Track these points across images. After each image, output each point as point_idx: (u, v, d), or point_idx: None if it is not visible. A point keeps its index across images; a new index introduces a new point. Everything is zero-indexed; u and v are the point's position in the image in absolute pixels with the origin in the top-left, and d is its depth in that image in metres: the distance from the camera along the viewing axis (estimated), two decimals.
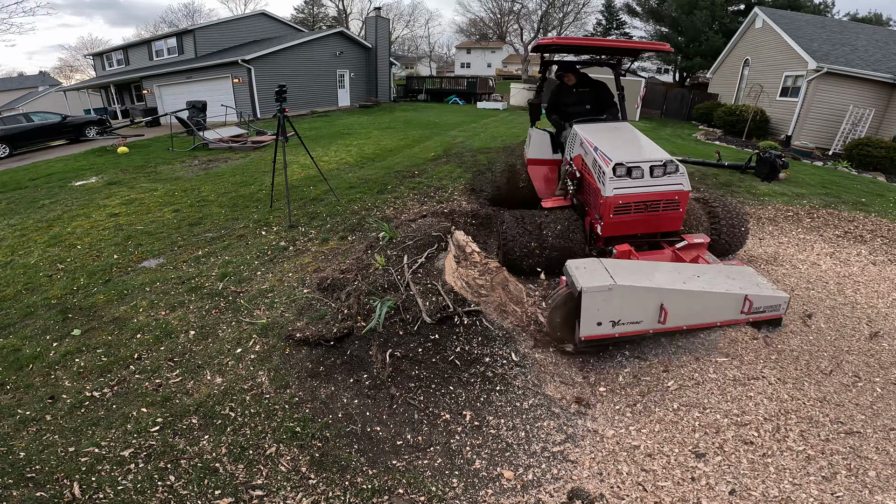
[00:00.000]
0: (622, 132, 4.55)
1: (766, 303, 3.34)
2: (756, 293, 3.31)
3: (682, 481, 2.45)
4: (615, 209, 3.85)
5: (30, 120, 15.29)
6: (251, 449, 2.73)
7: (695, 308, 3.27)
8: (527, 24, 49.83)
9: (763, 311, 3.37)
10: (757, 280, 3.50)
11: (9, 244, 5.91)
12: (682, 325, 3.32)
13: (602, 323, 3.20)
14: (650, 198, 3.84)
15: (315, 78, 22.18)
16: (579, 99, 5.28)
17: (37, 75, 43.42)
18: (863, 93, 13.88)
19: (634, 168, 3.83)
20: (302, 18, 49.67)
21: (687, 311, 3.26)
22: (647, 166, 3.85)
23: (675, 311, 3.22)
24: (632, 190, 3.82)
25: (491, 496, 2.44)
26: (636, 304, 3.18)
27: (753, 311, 3.34)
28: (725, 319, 3.34)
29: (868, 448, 2.60)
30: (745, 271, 3.61)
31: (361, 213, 6.32)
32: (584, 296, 3.10)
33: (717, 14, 26.40)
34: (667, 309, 3.18)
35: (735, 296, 3.27)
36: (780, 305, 3.37)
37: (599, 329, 3.22)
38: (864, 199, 7.62)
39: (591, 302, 3.12)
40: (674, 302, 3.19)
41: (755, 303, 3.29)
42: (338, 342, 3.52)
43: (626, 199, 3.82)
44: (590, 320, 3.19)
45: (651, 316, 3.23)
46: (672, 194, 3.85)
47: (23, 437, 2.83)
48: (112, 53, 26.71)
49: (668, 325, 3.26)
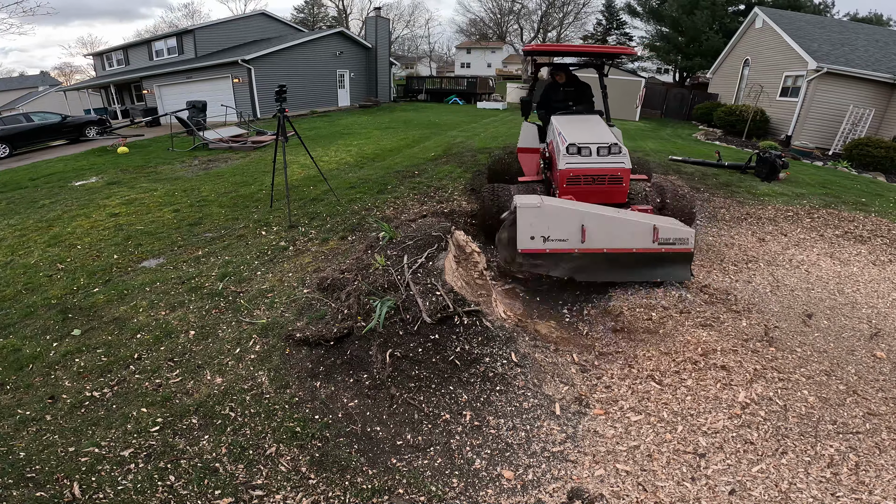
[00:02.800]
0: (588, 122, 5.28)
1: (672, 234, 3.87)
2: (662, 224, 3.88)
3: (682, 481, 2.45)
4: (567, 180, 4.60)
5: (30, 120, 15.29)
6: (251, 449, 2.73)
7: (611, 232, 3.86)
8: (527, 24, 49.83)
9: (672, 242, 3.88)
10: (671, 221, 4.06)
11: (9, 244, 5.91)
12: (603, 247, 3.89)
13: (535, 237, 3.87)
14: (596, 172, 4.59)
15: (315, 78, 22.18)
16: (565, 96, 6.12)
17: (37, 75, 43.44)
18: (863, 93, 13.88)
19: (584, 147, 4.59)
20: (302, 18, 49.67)
21: (604, 234, 3.86)
22: (595, 147, 4.61)
23: (594, 232, 3.84)
24: (580, 165, 4.58)
25: (491, 496, 2.44)
26: (562, 222, 3.83)
27: (663, 242, 3.87)
28: (641, 247, 3.89)
29: (869, 448, 2.60)
30: (665, 218, 4.21)
31: (361, 213, 6.32)
32: (519, 211, 3.81)
33: (718, 14, 26.39)
34: (586, 228, 3.81)
35: (644, 224, 3.86)
36: (687, 239, 3.89)
37: (532, 243, 3.89)
38: (864, 199, 7.62)
39: (525, 217, 3.82)
40: (592, 223, 3.83)
41: (661, 232, 3.84)
42: (338, 342, 3.52)
43: (576, 172, 4.58)
44: (524, 234, 3.86)
45: (575, 235, 3.86)
46: (615, 170, 4.58)
47: (23, 437, 2.83)
48: (112, 53, 26.70)
49: (589, 245, 3.87)
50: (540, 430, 2.82)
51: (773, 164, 8.33)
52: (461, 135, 13.37)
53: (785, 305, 4.13)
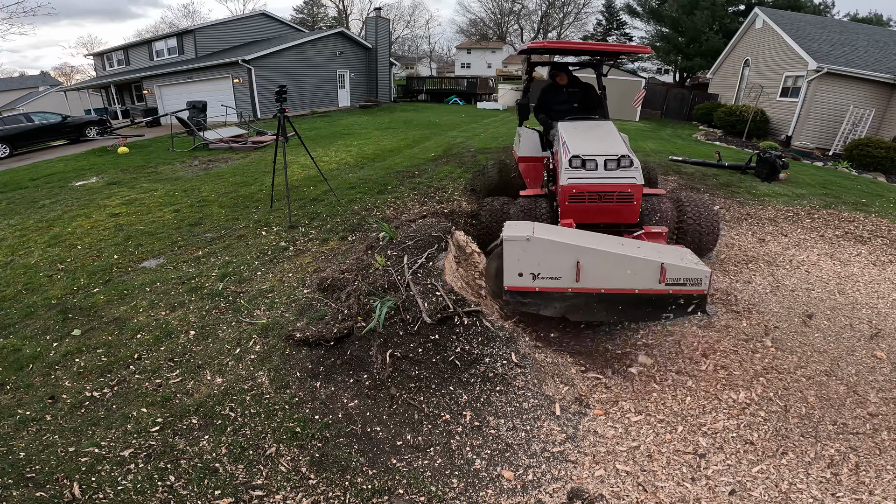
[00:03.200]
0: (597, 130, 4.73)
1: (683, 274, 3.30)
2: (672, 263, 3.30)
3: (683, 482, 2.45)
4: (570, 197, 4.11)
5: (30, 120, 15.29)
6: (251, 449, 2.73)
7: (610, 270, 3.34)
8: (527, 24, 49.89)
9: (683, 283, 3.31)
10: (684, 255, 3.51)
11: (9, 244, 5.91)
12: (600, 287, 3.38)
13: (523, 274, 3.39)
14: (603, 189, 4.05)
15: (315, 78, 22.18)
16: (569, 98, 5.56)
17: (37, 75, 43.46)
18: (863, 93, 13.88)
19: (589, 160, 4.10)
20: (302, 18, 49.70)
21: (602, 273, 3.34)
22: (602, 160, 4.09)
23: (591, 270, 3.32)
24: (584, 180, 4.07)
25: (491, 496, 2.44)
26: (554, 258, 3.33)
27: (672, 283, 3.31)
28: (644, 288, 3.35)
29: (869, 448, 2.60)
30: (678, 249, 3.68)
31: (361, 214, 6.32)
32: (505, 244, 3.36)
33: (718, 14, 26.39)
34: (581, 266, 3.31)
35: (650, 262, 3.29)
36: (701, 280, 3.31)
37: (521, 280, 3.41)
38: (864, 200, 7.62)
39: (511, 251, 3.35)
40: (588, 261, 3.30)
41: (669, 272, 3.28)
42: (338, 342, 3.52)
43: (579, 189, 4.07)
44: (511, 270, 3.40)
45: (568, 273, 3.36)
46: (625, 187, 4.04)
47: (23, 437, 2.83)
48: (112, 53, 26.71)
49: (584, 284, 3.37)
50: (540, 431, 2.82)
51: (774, 165, 8.33)
52: (461, 135, 13.37)
53: (785, 306, 4.12)
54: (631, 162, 4.11)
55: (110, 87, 26.03)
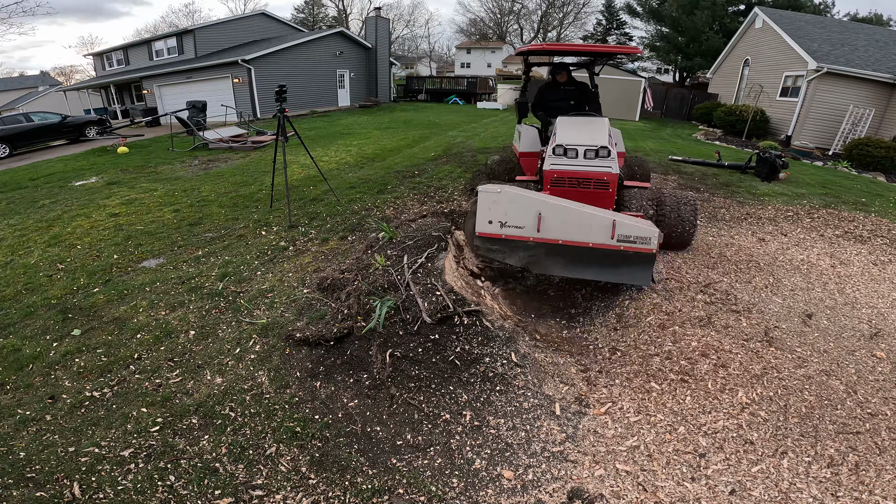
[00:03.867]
0: (591, 124, 5.05)
1: (633, 232, 3.61)
2: (623, 221, 3.63)
3: (683, 481, 2.45)
4: (552, 181, 4.52)
5: (30, 120, 15.28)
6: (251, 449, 2.73)
7: (568, 222, 3.72)
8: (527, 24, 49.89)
9: (633, 241, 3.62)
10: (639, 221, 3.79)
11: (9, 244, 5.91)
12: (558, 238, 3.76)
13: (492, 222, 3.86)
14: (580, 175, 4.46)
15: (315, 78, 22.18)
16: (566, 95, 5.98)
17: (37, 75, 43.43)
18: (863, 93, 13.88)
19: (570, 149, 4.53)
20: (302, 18, 49.69)
21: (561, 224, 3.73)
22: (583, 149, 4.52)
23: (550, 221, 3.74)
24: (565, 167, 4.50)
25: (491, 496, 2.44)
26: (519, 209, 3.78)
27: (623, 239, 3.63)
28: (598, 242, 3.68)
29: (869, 448, 2.60)
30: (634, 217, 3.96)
31: (361, 213, 6.32)
32: (479, 195, 3.86)
33: (718, 14, 26.39)
34: (542, 217, 3.72)
35: (603, 218, 3.66)
36: (650, 239, 3.59)
37: (490, 227, 3.88)
38: (864, 199, 7.62)
39: (484, 201, 3.84)
40: (549, 212, 3.73)
41: (619, 229, 3.61)
42: (338, 342, 3.52)
43: (560, 174, 4.49)
44: (483, 218, 3.87)
45: (531, 223, 3.78)
46: (601, 175, 4.43)
47: (23, 437, 2.83)
48: (112, 53, 26.70)
49: (544, 235, 3.77)
50: (540, 430, 2.82)
51: (773, 164, 8.33)
52: (461, 135, 13.37)
53: (785, 305, 4.12)
54: (609, 153, 4.51)
55: (110, 86, 26.03)
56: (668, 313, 3.88)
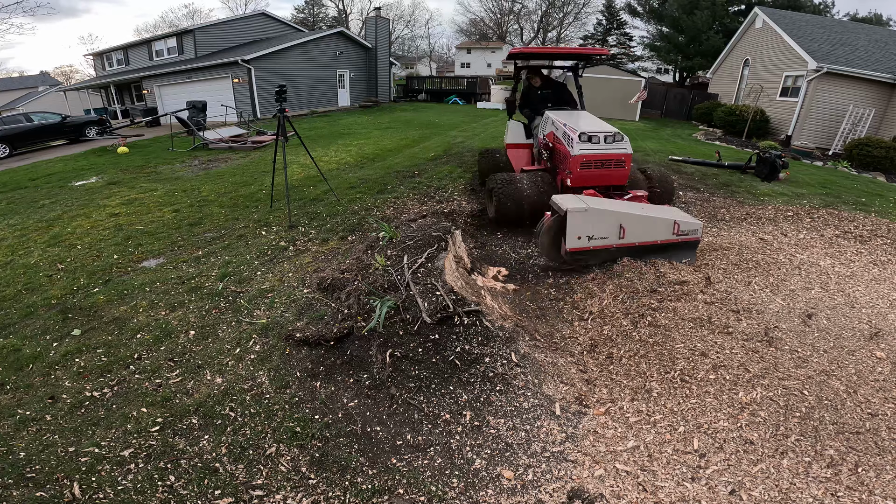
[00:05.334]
0: (583, 115, 6.15)
1: (688, 227, 4.59)
2: (681, 219, 4.60)
3: (683, 481, 2.45)
4: (581, 164, 5.26)
5: (30, 120, 15.28)
6: (251, 449, 2.72)
7: (643, 228, 4.51)
8: (527, 24, 49.91)
9: (687, 233, 4.60)
10: (680, 213, 4.80)
11: (9, 244, 5.91)
12: (636, 241, 4.53)
13: (581, 237, 4.43)
14: (604, 157, 5.28)
15: (315, 78, 22.17)
16: (545, 97, 6.89)
17: (37, 75, 43.39)
18: (863, 93, 13.88)
19: (593, 136, 5.27)
20: (302, 18, 49.69)
21: (638, 230, 4.50)
22: (602, 135, 5.30)
23: (630, 230, 4.47)
24: (592, 151, 5.25)
25: (491, 496, 2.44)
26: (604, 223, 4.42)
27: (681, 233, 4.57)
28: (664, 239, 4.57)
29: (869, 448, 2.60)
30: (671, 209, 4.94)
31: (361, 213, 6.32)
32: (569, 215, 4.34)
33: (718, 14, 26.39)
34: (625, 227, 4.45)
35: (668, 220, 4.57)
36: (697, 230, 4.62)
37: (579, 242, 4.44)
38: (864, 199, 7.62)
39: (574, 220, 4.35)
40: (629, 222, 4.47)
41: (681, 226, 4.55)
42: (338, 342, 3.52)
43: (588, 158, 5.25)
44: (573, 234, 4.40)
45: (614, 233, 4.46)
46: (619, 155, 5.30)
47: (23, 437, 2.82)
48: (112, 53, 26.70)
49: (626, 240, 4.50)
50: (540, 430, 2.82)
51: (773, 164, 8.33)
52: (461, 135, 13.37)
53: (785, 305, 4.12)
54: (622, 137, 5.33)
55: (110, 86, 26.03)
56: (668, 314, 3.88)
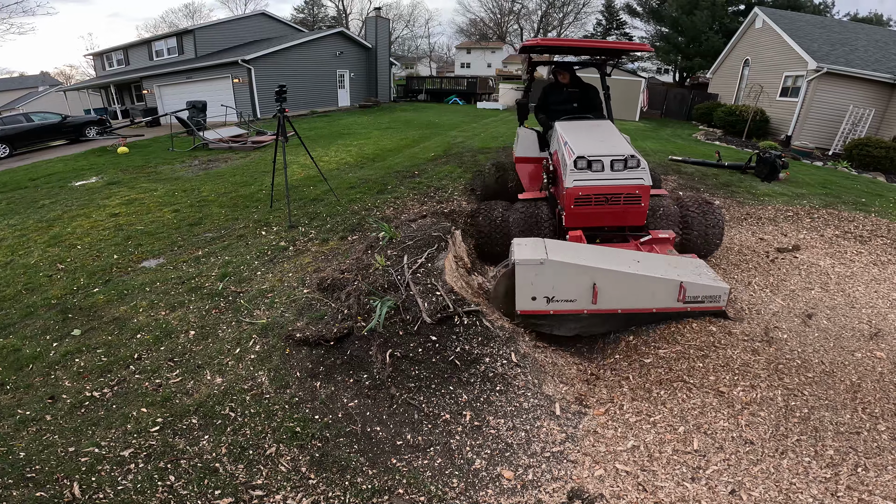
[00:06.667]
0: (598, 130, 4.54)
1: (702, 292, 3.23)
2: (691, 280, 3.21)
3: (683, 481, 2.45)
4: (576, 200, 3.92)
5: (30, 120, 15.29)
6: (251, 449, 2.72)
7: (628, 291, 3.23)
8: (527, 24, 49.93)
9: (701, 301, 3.27)
10: (700, 270, 3.36)
11: (9, 244, 5.91)
12: (617, 308, 3.28)
13: (536, 298, 3.26)
14: (610, 191, 3.88)
15: (315, 78, 22.17)
16: (568, 98, 5.40)
17: (37, 75, 43.38)
18: (863, 93, 13.88)
19: (595, 161, 3.90)
20: (302, 18, 49.70)
21: (620, 293, 3.23)
22: (609, 160, 3.90)
23: (608, 291, 3.20)
24: (591, 182, 3.88)
25: (491, 496, 2.44)
26: (569, 281, 3.19)
27: (690, 300, 3.25)
28: (662, 307, 3.28)
29: (868, 448, 2.60)
30: (693, 262, 3.54)
31: (361, 213, 6.32)
32: (517, 268, 3.20)
33: (718, 14, 26.40)
34: (598, 288, 3.17)
35: (669, 281, 3.19)
36: (719, 297, 3.27)
37: (534, 304, 3.28)
38: (864, 199, 7.62)
39: (525, 275, 3.20)
40: (605, 282, 3.17)
41: (689, 290, 3.21)
42: (338, 342, 3.52)
43: (585, 191, 3.88)
44: (524, 294, 3.26)
45: (584, 295, 3.23)
46: (633, 188, 3.88)
47: (23, 437, 2.82)
48: (112, 53, 26.70)
49: (601, 306, 3.25)
50: (540, 430, 2.82)
51: (773, 165, 8.33)
52: (461, 135, 13.37)
53: (785, 306, 4.12)
54: (638, 162, 3.94)
55: (110, 87, 26.03)
56: None
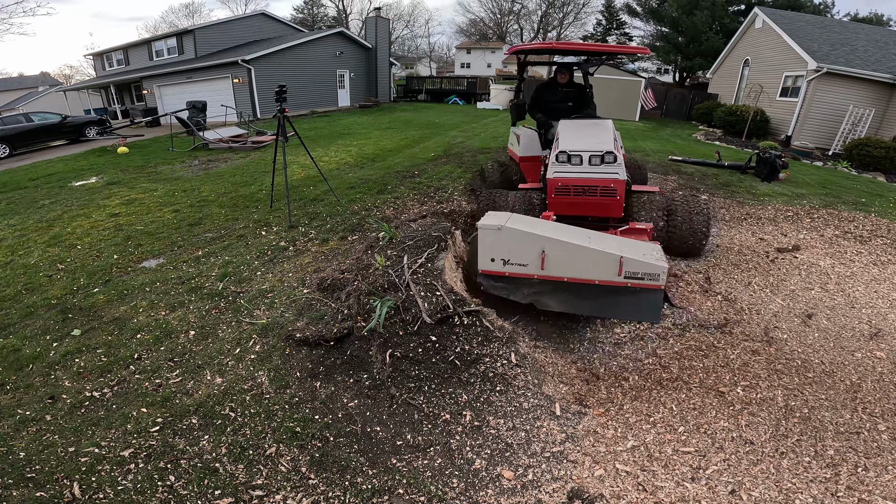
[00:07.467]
0: (592, 128, 4.84)
1: (640, 269, 3.49)
2: (630, 257, 3.46)
3: (683, 481, 2.45)
4: (556, 190, 4.38)
5: (30, 120, 15.28)
6: (251, 449, 2.73)
7: (573, 261, 3.57)
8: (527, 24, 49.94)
9: (641, 277, 3.51)
10: (650, 252, 3.63)
11: (9, 244, 5.91)
12: (563, 276, 3.63)
13: (495, 259, 3.71)
14: (586, 183, 4.33)
15: (315, 78, 22.18)
16: (565, 97, 5.81)
17: (37, 75, 43.37)
18: (863, 93, 13.88)
19: (574, 155, 4.37)
20: (302, 18, 49.71)
21: (565, 262, 3.59)
22: (587, 155, 4.34)
23: (554, 259, 3.59)
24: (569, 175, 4.35)
25: (491, 496, 2.44)
26: (522, 247, 3.63)
27: (629, 276, 3.51)
28: (604, 279, 3.56)
29: (868, 448, 2.60)
30: (648, 246, 3.81)
31: (361, 214, 6.32)
32: (479, 231, 3.70)
33: (718, 14, 26.40)
34: (545, 255, 3.58)
35: (610, 256, 3.48)
36: (658, 275, 3.48)
37: (493, 265, 3.73)
38: (864, 199, 7.62)
39: (484, 238, 3.68)
40: (553, 250, 3.57)
41: (626, 266, 3.47)
42: (338, 342, 3.52)
43: (564, 182, 4.34)
44: (485, 255, 3.73)
45: (535, 261, 3.63)
46: (608, 181, 4.30)
47: (23, 437, 2.82)
48: (112, 53, 26.70)
49: (549, 272, 3.63)
50: (540, 431, 2.82)
51: (773, 165, 8.33)
52: (461, 135, 13.37)
53: (785, 306, 4.13)
54: (615, 158, 4.33)
55: (110, 87, 26.03)
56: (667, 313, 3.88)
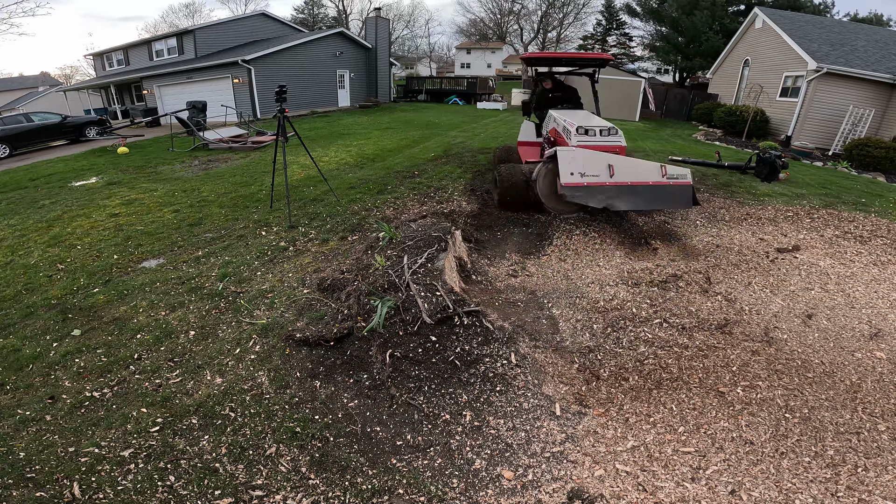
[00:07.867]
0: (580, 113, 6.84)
1: (674, 171, 5.26)
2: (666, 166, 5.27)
3: (683, 481, 2.45)
4: None
5: (30, 120, 15.27)
6: (251, 449, 2.73)
7: (632, 169, 5.22)
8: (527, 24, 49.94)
9: (676, 177, 5.23)
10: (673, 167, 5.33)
11: (9, 244, 5.91)
12: (627, 181, 5.15)
13: (574, 174, 5.11)
14: (600, 148, 5.63)
15: (315, 78, 22.17)
16: (554, 100, 7.72)
17: (37, 75, 43.36)
18: (863, 93, 13.88)
19: (590, 129, 5.84)
20: (302, 18, 49.70)
21: (627, 171, 5.18)
22: (598, 129, 5.86)
23: (620, 169, 5.16)
24: (588, 142, 5.72)
25: (491, 496, 2.44)
26: (594, 163, 5.18)
27: (669, 176, 5.21)
28: (654, 180, 5.21)
29: (868, 448, 2.60)
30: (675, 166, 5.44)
31: (361, 214, 6.32)
32: (559, 154, 5.24)
33: (718, 14, 26.40)
34: (614, 167, 5.16)
35: (654, 164, 5.34)
36: (685, 175, 5.28)
37: (573, 178, 5.10)
38: (863, 200, 7.62)
39: (565, 158, 5.19)
40: (618, 163, 5.21)
41: (668, 169, 5.23)
42: (338, 342, 3.52)
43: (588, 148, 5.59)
44: (566, 171, 5.13)
45: (605, 172, 5.15)
46: (615, 147, 5.73)
47: (23, 437, 2.82)
48: (112, 54, 26.69)
49: (617, 179, 5.13)
50: (540, 431, 2.82)
51: (773, 165, 8.33)
52: (461, 135, 13.37)
53: (785, 306, 4.13)
54: (617, 131, 5.88)
55: (110, 87, 26.02)
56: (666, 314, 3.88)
